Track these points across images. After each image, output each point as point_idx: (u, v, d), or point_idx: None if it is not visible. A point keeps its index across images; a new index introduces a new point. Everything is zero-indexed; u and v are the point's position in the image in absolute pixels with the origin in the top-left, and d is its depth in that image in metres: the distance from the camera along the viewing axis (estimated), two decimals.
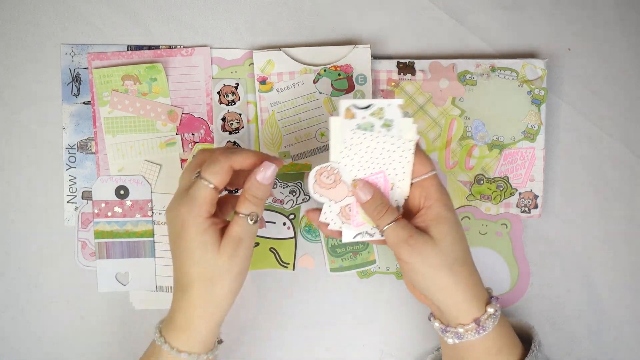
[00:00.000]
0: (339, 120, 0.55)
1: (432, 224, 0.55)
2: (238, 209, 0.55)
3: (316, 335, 0.71)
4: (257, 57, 0.68)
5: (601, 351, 0.71)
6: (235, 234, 0.55)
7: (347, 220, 0.58)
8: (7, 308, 0.69)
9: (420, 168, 0.56)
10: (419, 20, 0.70)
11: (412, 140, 0.56)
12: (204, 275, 0.54)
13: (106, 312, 0.70)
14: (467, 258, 0.56)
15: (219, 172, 0.54)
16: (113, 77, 0.68)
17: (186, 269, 0.54)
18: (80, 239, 0.69)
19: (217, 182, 0.54)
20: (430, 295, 0.56)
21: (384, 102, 0.55)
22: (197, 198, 0.54)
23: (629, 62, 0.70)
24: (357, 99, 0.61)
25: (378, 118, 0.55)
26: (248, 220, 0.55)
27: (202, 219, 0.54)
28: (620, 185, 0.71)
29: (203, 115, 0.69)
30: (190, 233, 0.54)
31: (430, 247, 0.54)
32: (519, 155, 0.69)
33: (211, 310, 0.55)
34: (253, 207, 0.55)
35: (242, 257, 0.55)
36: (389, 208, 0.56)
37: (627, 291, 0.71)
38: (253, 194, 0.55)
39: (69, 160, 0.69)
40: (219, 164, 0.54)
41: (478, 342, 0.56)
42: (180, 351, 0.55)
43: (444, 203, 0.56)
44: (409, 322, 0.71)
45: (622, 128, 0.71)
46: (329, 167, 0.56)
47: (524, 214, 0.70)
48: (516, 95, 0.69)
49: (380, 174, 0.57)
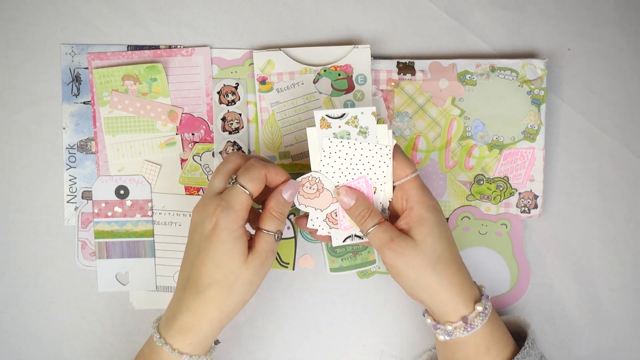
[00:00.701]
0: (314, 130, 0.57)
1: (413, 225, 0.56)
2: (264, 226, 0.56)
3: (316, 335, 0.71)
4: (257, 57, 0.68)
5: (601, 351, 0.71)
6: (262, 249, 0.55)
7: (335, 225, 0.59)
8: (7, 308, 0.69)
9: (399, 172, 0.58)
10: (419, 20, 0.70)
11: (389, 146, 0.57)
12: (225, 281, 0.54)
13: (106, 312, 0.70)
14: (452, 257, 0.57)
15: (255, 180, 0.54)
16: (113, 77, 0.68)
17: (208, 271, 0.54)
18: (80, 238, 0.69)
19: (253, 190, 0.54)
20: (416, 295, 0.57)
21: (356, 110, 0.57)
22: (233, 203, 0.54)
23: (629, 62, 0.70)
24: (330, 109, 0.63)
25: (353, 126, 0.57)
26: (275, 237, 0.56)
27: (237, 226, 0.54)
28: (620, 185, 0.71)
29: (203, 115, 0.69)
30: (222, 237, 0.53)
31: (411, 248, 0.55)
32: (519, 155, 0.69)
33: (222, 316, 0.55)
34: (278, 223, 0.56)
35: (263, 273, 0.56)
36: (372, 211, 0.57)
37: (627, 291, 0.71)
38: (280, 211, 0.56)
39: (69, 160, 0.69)
40: (256, 171, 0.55)
41: (467, 340, 0.56)
42: (181, 353, 0.55)
43: (425, 204, 0.57)
44: (409, 322, 0.71)
45: (622, 128, 0.71)
46: (310, 177, 0.57)
47: (523, 214, 0.70)
48: (516, 95, 0.69)
49: (362, 179, 0.58)
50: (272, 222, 0.56)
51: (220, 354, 0.70)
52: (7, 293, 0.69)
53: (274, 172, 0.56)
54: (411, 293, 0.58)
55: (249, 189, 0.54)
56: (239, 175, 0.55)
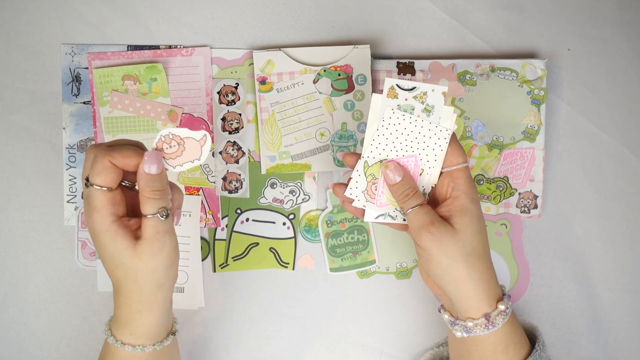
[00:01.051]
0: (380, 97, 0.56)
1: (455, 214, 0.55)
2: (143, 210, 0.52)
3: (316, 336, 0.71)
4: (257, 57, 0.68)
5: (601, 351, 0.71)
6: (149, 235, 0.52)
7: (372, 199, 0.58)
8: (7, 308, 0.69)
9: (451, 159, 0.57)
10: (419, 20, 0.70)
11: (450, 129, 0.56)
12: (128, 276, 0.53)
13: (106, 312, 0.70)
14: (485, 253, 0.57)
15: (102, 172, 0.51)
16: (113, 77, 0.68)
17: (110, 271, 0.54)
18: (80, 238, 0.69)
19: (106, 183, 0.51)
20: (443, 285, 0.56)
21: (428, 86, 0.56)
22: (94, 204, 0.52)
23: (629, 62, 0.70)
24: (402, 80, 0.60)
25: (420, 102, 0.56)
26: (159, 217, 0.52)
27: (108, 224, 0.51)
28: (620, 185, 0.71)
29: (203, 115, 0.69)
30: (101, 240, 0.52)
31: (450, 236, 0.54)
32: (519, 155, 0.69)
33: (147, 306, 0.54)
34: (156, 202, 0.52)
35: (165, 254, 0.53)
36: (416, 192, 0.56)
37: (627, 291, 0.71)
38: (153, 189, 0.52)
39: (69, 160, 0.69)
40: (100, 162, 0.52)
41: (486, 338, 0.56)
42: (124, 344, 0.55)
43: (471, 196, 0.56)
44: (409, 322, 0.71)
45: (622, 128, 0.71)
46: (160, 137, 0.54)
47: (523, 214, 0.70)
48: (516, 96, 0.69)
49: (412, 157, 0.57)
50: (149, 204, 0.52)
51: (220, 354, 0.70)
52: (7, 293, 0.69)
53: (120, 156, 0.52)
54: (437, 282, 0.57)
55: (102, 185, 0.51)
56: (89, 174, 0.52)
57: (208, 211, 0.69)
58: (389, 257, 0.70)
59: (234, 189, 0.69)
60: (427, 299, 0.71)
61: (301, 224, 0.70)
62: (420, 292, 0.71)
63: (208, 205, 0.69)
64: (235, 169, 0.69)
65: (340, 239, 0.70)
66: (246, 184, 0.69)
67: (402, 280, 0.71)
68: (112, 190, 0.52)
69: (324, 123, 0.69)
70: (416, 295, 0.71)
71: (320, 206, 0.70)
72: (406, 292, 0.71)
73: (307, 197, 0.70)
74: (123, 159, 0.52)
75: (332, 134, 0.69)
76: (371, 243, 0.70)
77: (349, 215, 0.70)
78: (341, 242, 0.70)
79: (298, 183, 0.70)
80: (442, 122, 0.56)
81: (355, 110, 0.69)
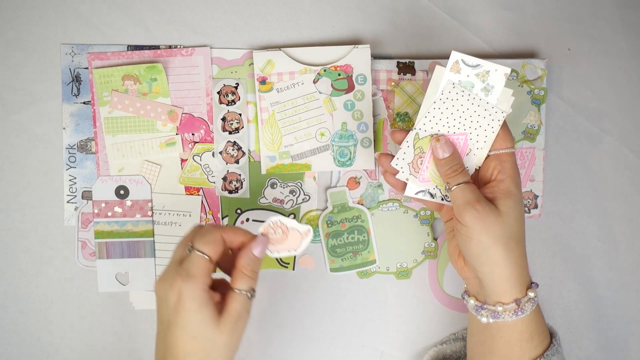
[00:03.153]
0: (443, 70, 0.56)
1: (500, 197, 0.56)
2: (237, 285, 0.55)
3: (316, 336, 0.71)
4: (257, 57, 0.68)
5: (601, 351, 0.71)
6: (234, 311, 0.54)
7: (416, 173, 0.58)
8: (7, 308, 0.69)
9: (501, 142, 0.57)
10: (419, 20, 0.70)
11: (505, 112, 0.56)
12: (202, 350, 0.53)
13: (106, 312, 0.70)
14: (522, 240, 0.57)
15: (211, 242, 0.54)
16: (113, 77, 0.68)
17: (183, 344, 0.53)
18: (80, 239, 0.69)
19: (210, 253, 0.54)
20: (478, 265, 0.56)
21: (492, 65, 0.56)
22: (193, 270, 0.53)
23: (629, 62, 0.70)
24: (468, 55, 0.59)
25: (481, 80, 0.56)
26: (247, 296, 0.55)
27: (201, 292, 0.53)
28: (620, 185, 0.71)
29: (203, 115, 0.69)
30: (188, 306, 0.52)
31: (494, 216, 0.54)
32: (519, 155, 0.69)
33: None
34: (251, 282, 0.55)
35: (240, 332, 0.55)
36: (463, 169, 0.57)
37: (627, 291, 0.71)
38: (252, 269, 0.55)
39: (69, 160, 0.69)
40: (211, 234, 0.54)
41: (513, 324, 0.56)
42: None
43: (516, 181, 0.57)
44: (409, 322, 0.71)
45: (622, 128, 0.71)
46: (270, 224, 0.57)
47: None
48: (516, 95, 0.69)
49: (463, 135, 0.57)
50: (244, 281, 0.55)
51: None
52: (7, 293, 0.69)
53: (231, 232, 0.56)
54: (472, 262, 0.56)
55: (206, 253, 0.54)
56: (195, 241, 0.54)
57: (208, 211, 0.69)
58: (389, 257, 0.70)
59: (234, 189, 0.69)
60: (427, 299, 0.71)
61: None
62: (420, 292, 0.71)
63: (208, 205, 0.69)
64: (235, 169, 0.69)
65: (340, 239, 0.70)
66: (246, 184, 0.69)
67: (402, 280, 0.71)
68: (212, 262, 0.54)
69: (324, 123, 0.69)
70: (416, 295, 0.71)
71: (320, 206, 0.70)
72: (406, 292, 0.71)
73: (307, 197, 0.70)
74: (234, 235, 0.56)
75: (332, 134, 0.69)
76: (371, 243, 0.70)
77: (349, 216, 0.70)
78: (341, 242, 0.70)
79: (298, 183, 0.70)
80: (499, 103, 0.56)
81: (355, 110, 0.69)
